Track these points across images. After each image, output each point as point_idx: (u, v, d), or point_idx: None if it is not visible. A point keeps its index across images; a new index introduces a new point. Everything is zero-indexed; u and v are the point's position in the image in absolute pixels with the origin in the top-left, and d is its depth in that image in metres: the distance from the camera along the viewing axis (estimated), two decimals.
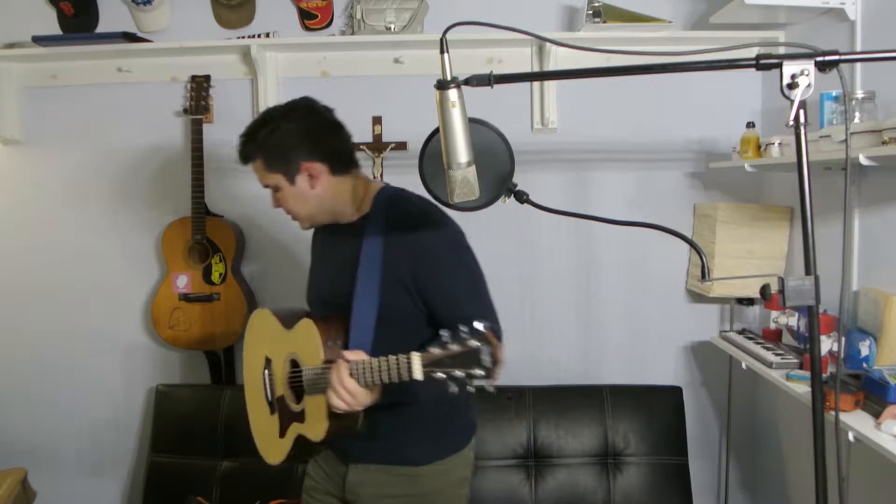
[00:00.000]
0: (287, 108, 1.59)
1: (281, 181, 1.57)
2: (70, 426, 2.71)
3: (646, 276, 2.61)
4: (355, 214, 1.63)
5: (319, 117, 1.59)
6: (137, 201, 2.64)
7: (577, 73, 1.22)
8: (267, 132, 1.56)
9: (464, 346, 1.25)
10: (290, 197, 1.59)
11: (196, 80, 2.49)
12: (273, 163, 1.56)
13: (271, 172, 1.57)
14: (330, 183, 1.58)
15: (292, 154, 1.55)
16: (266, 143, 1.55)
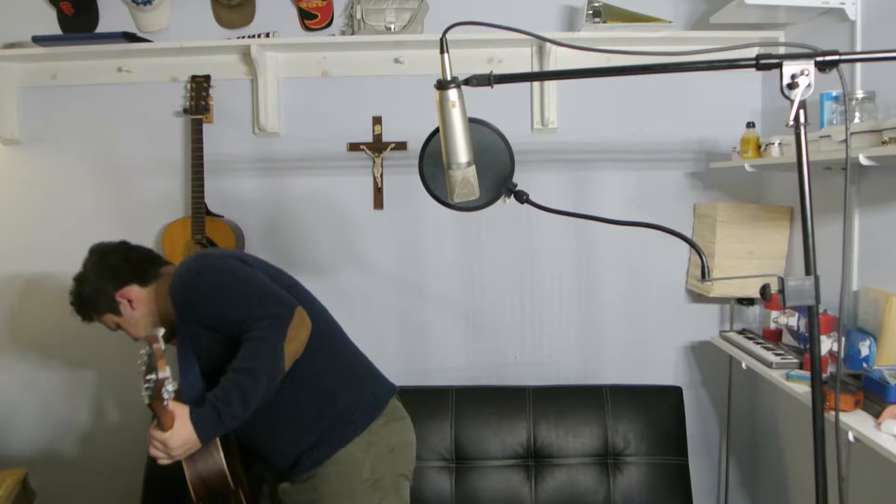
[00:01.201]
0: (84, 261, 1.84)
1: (113, 318, 1.79)
2: (70, 426, 2.71)
3: (646, 276, 2.61)
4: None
5: (103, 252, 1.82)
6: (137, 201, 2.63)
7: (577, 73, 1.22)
8: (78, 290, 1.82)
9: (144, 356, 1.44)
10: (128, 325, 1.80)
11: (196, 80, 2.49)
12: (98, 309, 1.79)
13: (102, 317, 1.80)
14: (146, 296, 1.78)
15: (102, 295, 1.78)
16: (83, 299, 1.80)
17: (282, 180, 2.61)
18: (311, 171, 2.59)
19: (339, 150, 2.58)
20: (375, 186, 2.60)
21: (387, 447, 1.74)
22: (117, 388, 2.69)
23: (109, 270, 1.78)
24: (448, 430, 2.38)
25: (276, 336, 1.57)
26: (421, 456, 2.36)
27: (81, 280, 1.82)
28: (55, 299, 2.67)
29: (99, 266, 1.80)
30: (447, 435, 2.38)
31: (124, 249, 1.83)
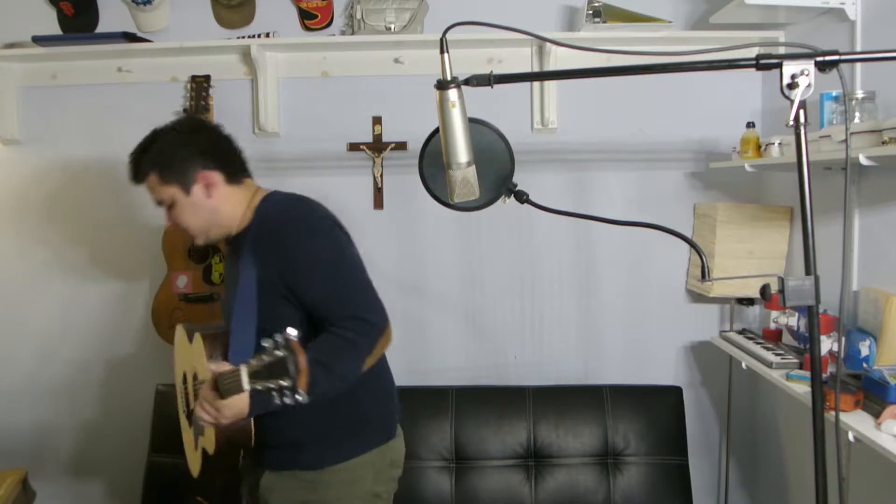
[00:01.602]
0: (175, 122, 1.63)
1: (177, 194, 1.56)
2: (70, 426, 2.71)
3: (646, 276, 2.61)
4: (241, 224, 1.62)
5: (209, 129, 1.64)
6: (137, 201, 2.63)
7: (577, 73, 1.22)
8: (159, 146, 1.57)
9: (272, 356, 1.23)
10: (187, 209, 1.58)
11: (196, 80, 2.49)
12: (167, 175, 1.56)
13: (166, 185, 1.56)
14: (225, 193, 1.59)
15: (187, 164, 1.56)
16: (159, 156, 1.56)
17: (282, 180, 2.58)
18: (311, 171, 2.59)
19: (339, 150, 2.58)
20: (375, 186, 2.60)
21: (389, 461, 1.70)
22: (118, 388, 2.69)
23: (202, 145, 1.58)
24: (448, 430, 2.38)
25: (365, 346, 1.50)
26: (421, 456, 2.37)
27: (164, 136, 1.58)
28: (55, 299, 2.67)
29: (192, 135, 1.59)
30: (447, 435, 2.38)
31: (222, 134, 1.64)
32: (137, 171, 1.58)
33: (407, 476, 2.34)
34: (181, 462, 2.42)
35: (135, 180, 1.60)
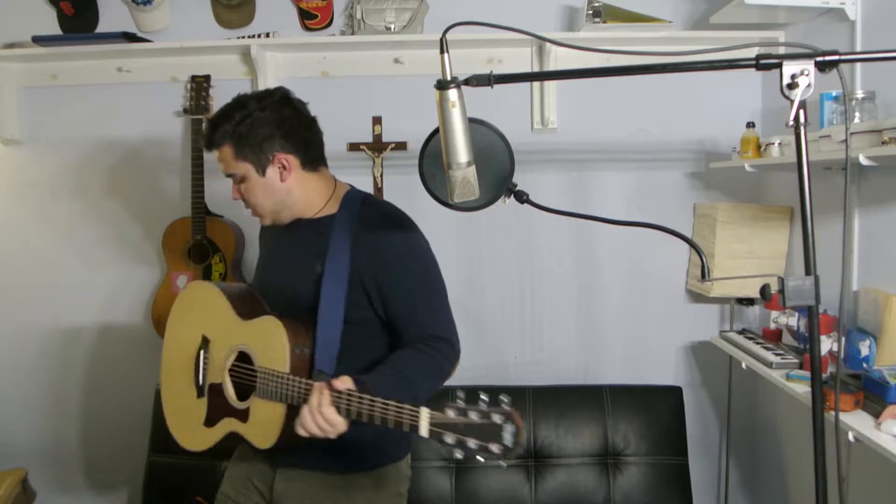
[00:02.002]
0: (262, 94, 1.54)
1: (250, 171, 1.51)
2: (70, 426, 2.71)
3: (646, 276, 2.61)
4: (320, 212, 1.58)
5: (295, 109, 1.55)
6: (137, 201, 2.64)
7: (577, 73, 1.22)
8: (240, 117, 1.49)
9: (486, 418, 1.18)
10: (258, 189, 1.52)
11: (196, 80, 2.49)
12: (244, 150, 1.50)
13: (240, 161, 1.50)
14: (300, 178, 1.54)
15: (266, 143, 1.50)
16: (239, 128, 1.49)
17: None
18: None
19: (339, 150, 2.58)
20: (375, 186, 2.60)
21: (409, 464, 1.67)
22: (118, 388, 2.69)
23: (285, 126, 1.51)
24: None
25: (446, 369, 1.48)
26: (421, 456, 2.37)
27: (248, 108, 1.49)
28: (56, 299, 2.67)
29: (277, 114, 1.51)
30: None
31: (307, 116, 1.58)
32: (213, 138, 1.51)
33: None
34: (181, 462, 2.44)
35: (208, 147, 1.54)
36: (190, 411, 1.58)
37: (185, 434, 1.61)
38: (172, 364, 1.64)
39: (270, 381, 1.43)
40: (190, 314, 1.64)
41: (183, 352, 1.62)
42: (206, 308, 1.60)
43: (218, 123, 1.50)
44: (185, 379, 1.60)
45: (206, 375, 1.57)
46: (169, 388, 1.65)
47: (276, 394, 1.42)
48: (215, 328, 1.57)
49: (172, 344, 1.66)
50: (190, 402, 1.59)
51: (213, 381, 1.55)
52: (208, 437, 1.55)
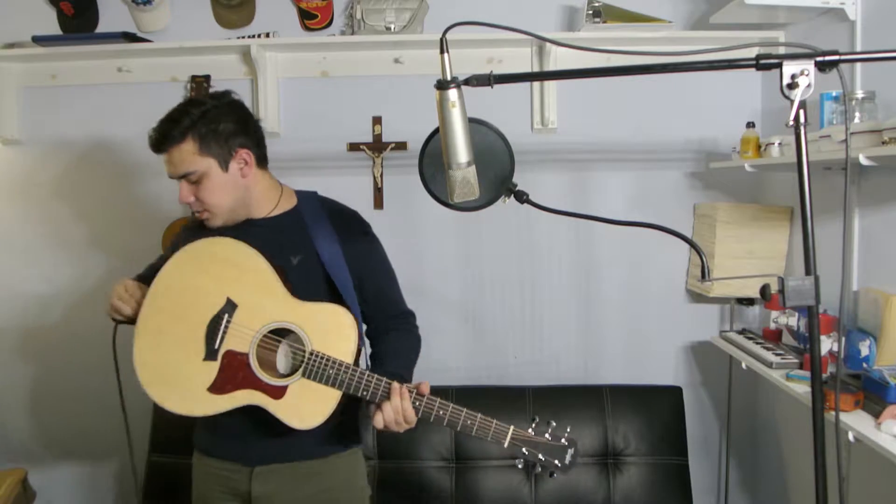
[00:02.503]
0: (212, 94, 1.56)
1: (212, 167, 1.49)
2: (70, 426, 2.71)
3: (646, 275, 2.61)
4: (275, 210, 1.61)
5: (245, 107, 1.58)
6: (137, 201, 2.63)
7: (577, 73, 1.22)
8: (199, 112, 1.47)
9: (556, 440, 1.49)
10: (218, 186, 1.50)
11: (196, 80, 2.49)
12: (209, 144, 1.47)
13: (203, 156, 1.48)
14: (256, 175, 1.57)
15: (231, 138, 1.50)
16: (202, 122, 1.47)
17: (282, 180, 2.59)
18: (311, 170, 2.58)
19: (339, 150, 2.58)
20: (375, 186, 2.60)
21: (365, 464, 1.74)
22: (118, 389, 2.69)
23: (244, 121, 1.53)
24: (448, 430, 2.38)
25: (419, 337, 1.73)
26: (421, 456, 2.37)
27: (205, 105, 1.50)
28: (55, 299, 2.67)
29: (234, 110, 1.53)
30: (447, 435, 2.38)
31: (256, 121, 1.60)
32: (170, 134, 1.47)
33: (407, 476, 2.35)
34: (181, 462, 2.43)
35: (160, 146, 1.49)
36: (188, 371, 1.50)
37: (171, 393, 1.51)
38: (169, 314, 1.51)
39: (333, 368, 1.47)
40: (213, 268, 1.52)
41: (192, 306, 1.50)
42: (238, 269, 1.52)
43: (175, 120, 1.47)
44: (189, 335, 1.50)
45: (223, 340, 1.50)
46: (155, 338, 1.52)
47: (340, 382, 1.47)
48: (248, 295, 1.50)
49: (176, 291, 1.52)
50: (189, 362, 1.50)
51: (234, 349, 1.49)
52: (213, 403, 1.49)
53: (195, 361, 1.50)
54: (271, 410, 1.48)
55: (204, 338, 1.50)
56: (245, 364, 1.49)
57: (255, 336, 1.50)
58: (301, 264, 1.55)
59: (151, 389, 1.52)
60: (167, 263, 1.52)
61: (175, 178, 1.52)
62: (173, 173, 1.52)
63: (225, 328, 1.50)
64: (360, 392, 1.47)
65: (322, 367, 1.48)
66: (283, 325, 1.50)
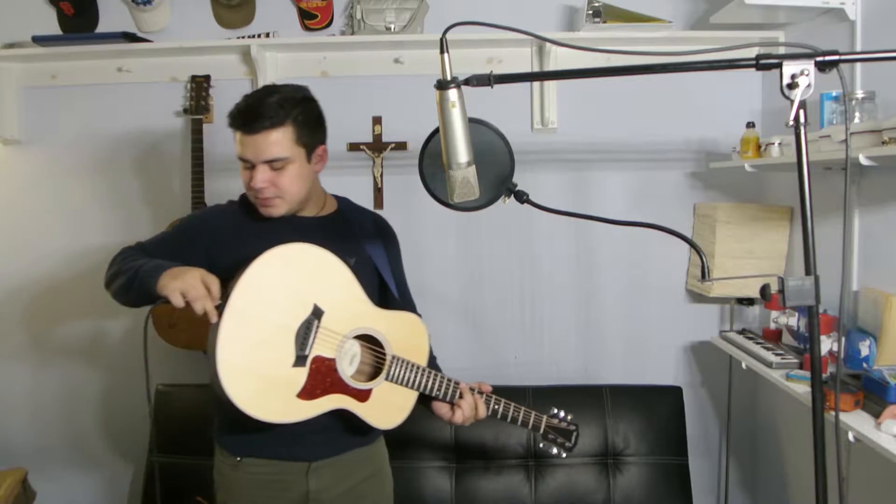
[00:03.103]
0: (295, 87, 1.57)
1: (301, 157, 1.52)
2: (70, 426, 2.71)
3: (646, 276, 2.61)
4: (324, 210, 1.67)
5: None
6: (137, 201, 2.64)
7: (577, 73, 1.22)
8: (302, 99, 1.52)
9: (567, 426, 1.77)
10: (299, 176, 1.53)
11: (196, 80, 2.49)
12: (305, 134, 1.51)
13: (298, 144, 1.51)
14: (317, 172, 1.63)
15: (320, 132, 1.58)
16: (303, 111, 1.51)
17: None
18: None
19: (339, 150, 2.58)
20: (375, 186, 2.60)
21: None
22: (118, 388, 2.69)
23: (324, 120, 1.61)
24: (448, 430, 2.38)
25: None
26: (421, 456, 2.37)
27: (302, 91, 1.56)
28: (55, 299, 2.67)
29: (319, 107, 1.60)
30: (447, 435, 2.38)
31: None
32: (270, 116, 1.46)
33: (407, 476, 2.35)
34: (181, 462, 2.44)
35: (259, 124, 1.46)
36: (277, 378, 1.45)
37: (263, 401, 1.44)
38: (257, 318, 1.45)
39: (413, 371, 1.59)
40: (299, 273, 1.49)
41: (280, 310, 1.46)
42: (321, 276, 1.51)
43: (282, 103, 1.48)
44: (278, 341, 1.45)
45: (313, 346, 1.49)
46: (242, 343, 1.43)
47: (418, 384, 1.59)
48: (333, 301, 1.50)
49: (263, 294, 1.45)
50: (279, 367, 1.45)
51: (322, 354, 1.49)
52: (304, 409, 1.47)
53: (285, 367, 1.46)
54: (359, 413, 1.53)
55: (294, 343, 1.47)
56: (333, 369, 1.51)
57: (342, 341, 1.52)
58: (357, 266, 1.57)
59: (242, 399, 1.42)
60: (254, 265, 1.44)
61: (255, 161, 1.50)
62: (257, 156, 1.49)
63: (315, 334, 1.48)
64: (434, 392, 1.60)
65: (402, 371, 1.57)
66: (366, 331, 1.55)
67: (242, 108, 1.50)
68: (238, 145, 1.52)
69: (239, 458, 1.59)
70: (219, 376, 1.39)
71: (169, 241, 1.63)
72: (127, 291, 1.47)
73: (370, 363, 1.59)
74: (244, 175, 1.55)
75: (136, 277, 1.44)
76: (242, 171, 1.55)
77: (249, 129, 1.48)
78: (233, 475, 1.60)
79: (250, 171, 1.52)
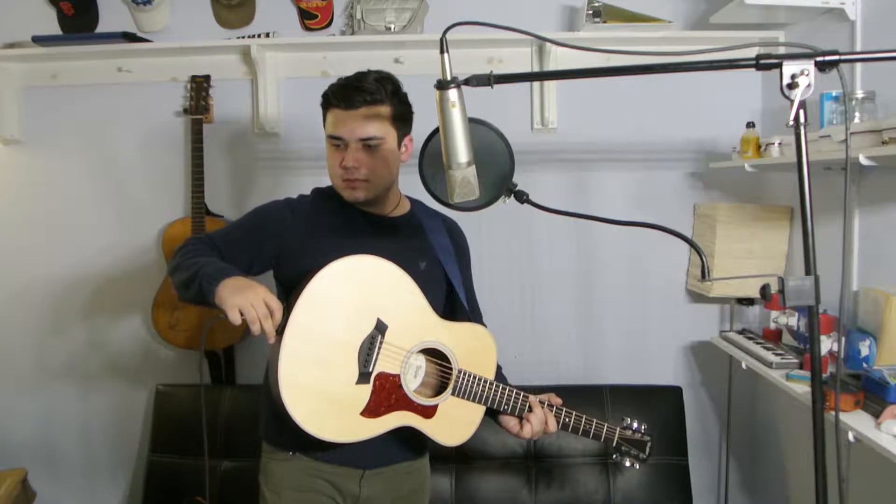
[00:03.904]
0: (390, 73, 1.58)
1: (392, 139, 1.53)
2: (70, 426, 2.71)
3: (646, 275, 2.61)
4: (395, 209, 1.66)
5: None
6: (137, 201, 2.64)
7: (577, 73, 1.22)
8: (399, 85, 1.56)
9: (641, 437, 1.67)
10: (386, 159, 1.53)
11: (196, 80, 2.49)
12: (399, 116, 1.53)
13: (392, 125, 1.52)
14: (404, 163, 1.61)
15: (410, 120, 1.59)
16: (399, 94, 1.54)
17: (282, 180, 2.61)
18: (311, 170, 2.58)
19: None
20: None
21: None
22: (118, 388, 2.69)
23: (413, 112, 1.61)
24: None
25: None
26: None
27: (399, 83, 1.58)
28: (55, 299, 2.67)
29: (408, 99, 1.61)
30: None
31: None
32: (372, 91, 1.48)
33: None
34: (181, 462, 2.44)
35: (361, 98, 1.48)
36: (341, 396, 1.41)
37: (328, 421, 1.40)
38: (320, 334, 1.40)
39: (480, 386, 1.53)
40: (361, 286, 1.44)
41: (343, 325, 1.42)
42: (385, 289, 1.47)
43: (381, 81, 1.51)
44: (341, 358, 1.41)
45: (377, 362, 1.44)
46: (305, 360, 1.38)
47: (485, 398, 1.54)
48: (397, 314, 1.46)
49: (326, 308, 1.41)
50: (343, 385, 1.41)
51: (386, 371, 1.45)
52: (368, 427, 1.44)
53: (349, 385, 1.42)
54: (425, 430, 1.50)
55: (357, 360, 1.42)
56: (398, 385, 1.47)
57: (406, 356, 1.47)
58: (427, 270, 1.57)
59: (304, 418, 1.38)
60: (316, 279, 1.39)
61: (350, 138, 1.50)
62: (353, 133, 1.50)
63: (378, 350, 1.44)
64: (503, 406, 1.55)
65: (469, 385, 1.52)
66: (431, 345, 1.50)
67: (342, 84, 1.52)
68: (331, 125, 1.53)
69: (292, 453, 1.56)
70: (281, 396, 1.35)
71: (237, 237, 1.57)
72: (186, 289, 1.41)
73: (436, 376, 1.54)
74: (334, 156, 1.54)
75: (196, 279, 1.37)
76: (332, 151, 1.55)
77: (349, 104, 1.48)
78: (285, 467, 1.57)
79: (342, 150, 1.52)
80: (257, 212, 1.62)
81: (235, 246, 1.53)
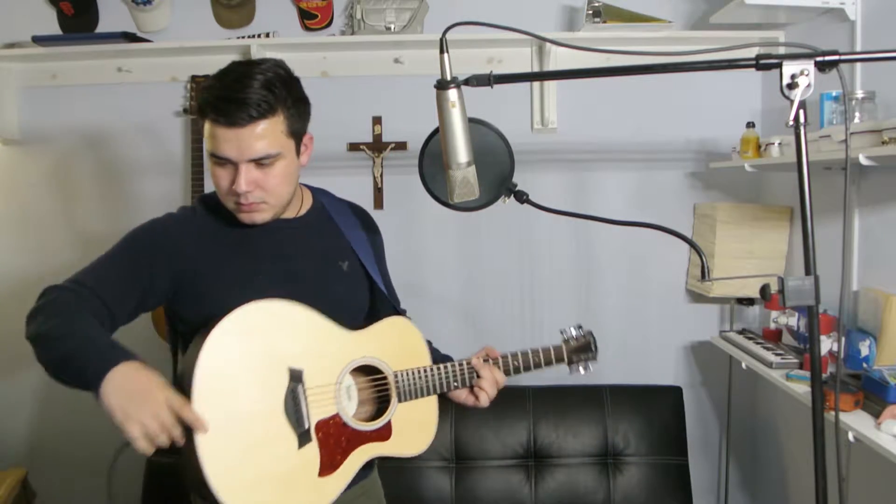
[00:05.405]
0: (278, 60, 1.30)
1: (291, 150, 1.28)
2: (70, 426, 2.71)
3: (646, 275, 2.61)
4: (300, 208, 1.43)
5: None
6: (137, 201, 2.63)
7: (577, 73, 1.22)
8: (290, 78, 1.26)
9: (584, 338, 1.58)
10: (288, 174, 1.28)
11: (196, 80, 2.49)
12: (296, 124, 1.27)
13: (289, 137, 1.26)
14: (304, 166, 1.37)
15: (307, 116, 1.33)
16: (291, 94, 1.26)
17: None
18: (310, 170, 2.53)
19: (339, 150, 2.58)
20: (375, 186, 2.60)
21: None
22: None
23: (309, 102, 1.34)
24: (448, 430, 2.38)
25: None
26: (421, 456, 2.35)
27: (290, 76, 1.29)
28: None
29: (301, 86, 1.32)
30: (447, 435, 2.38)
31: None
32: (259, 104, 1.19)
33: (407, 476, 2.35)
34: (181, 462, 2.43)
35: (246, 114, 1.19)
36: (289, 472, 1.25)
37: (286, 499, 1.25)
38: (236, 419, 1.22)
39: (424, 379, 1.42)
40: (256, 344, 1.25)
41: (260, 396, 1.24)
42: (283, 332, 1.28)
43: (269, 85, 1.21)
44: (273, 431, 1.24)
45: (310, 415, 1.28)
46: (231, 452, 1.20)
47: (432, 387, 1.43)
48: (307, 354, 1.29)
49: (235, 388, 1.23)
50: (286, 458, 1.25)
51: (323, 417, 1.30)
52: (334, 484, 1.30)
53: (292, 453, 1.26)
54: (388, 453, 1.38)
55: (288, 423, 1.25)
56: (342, 424, 1.32)
57: (336, 390, 1.32)
58: (349, 269, 1.43)
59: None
60: (203, 356, 1.21)
61: (239, 160, 1.22)
62: (241, 154, 1.21)
63: (305, 400, 1.27)
64: (452, 385, 1.45)
65: (412, 383, 1.40)
66: (357, 364, 1.36)
67: (221, 94, 1.20)
68: (211, 139, 1.23)
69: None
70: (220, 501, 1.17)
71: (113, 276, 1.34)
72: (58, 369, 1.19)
73: (370, 389, 1.41)
74: (220, 176, 1.25)
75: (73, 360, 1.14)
76: (216, 170, 1.25)
77: (231, 121, 1.19)
78: None
79: (229, 171, 1.24)
80: (134, 238, 1.36)
81: (114, 287, 1.30)
